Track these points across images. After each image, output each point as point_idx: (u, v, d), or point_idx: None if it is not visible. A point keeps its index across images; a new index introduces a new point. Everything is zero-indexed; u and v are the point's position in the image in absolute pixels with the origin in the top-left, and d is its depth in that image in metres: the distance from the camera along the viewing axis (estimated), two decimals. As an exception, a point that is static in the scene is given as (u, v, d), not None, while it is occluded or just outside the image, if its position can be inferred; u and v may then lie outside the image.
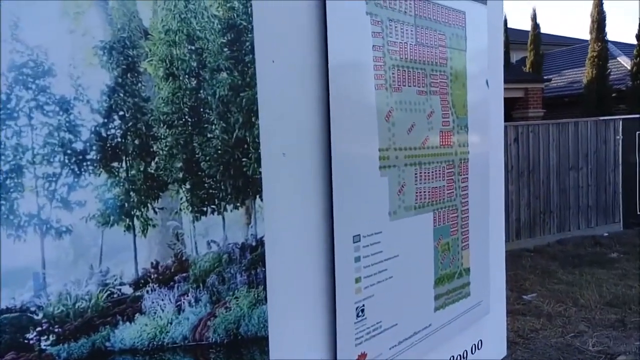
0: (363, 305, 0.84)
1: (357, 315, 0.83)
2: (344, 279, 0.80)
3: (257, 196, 0.65)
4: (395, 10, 0.88)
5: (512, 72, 9.42)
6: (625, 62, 9.81)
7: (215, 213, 0.60)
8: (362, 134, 0.82)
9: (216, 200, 0.60)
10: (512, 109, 8.33)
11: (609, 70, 8.97)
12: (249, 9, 0.63)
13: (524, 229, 4.88)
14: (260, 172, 0.65)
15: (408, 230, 0.94)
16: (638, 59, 8.59)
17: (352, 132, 0.80)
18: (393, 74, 0.88)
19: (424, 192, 0.98)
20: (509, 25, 10.85)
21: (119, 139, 0.50)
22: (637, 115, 6.23)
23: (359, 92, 0.81)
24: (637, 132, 5.69)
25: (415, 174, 0.95)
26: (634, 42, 8.86)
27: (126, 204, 0.51)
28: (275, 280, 0.68)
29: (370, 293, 0.86)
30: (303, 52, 0.72)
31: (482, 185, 1.18)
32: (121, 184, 0.50)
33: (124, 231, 0.51)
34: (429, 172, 0.99)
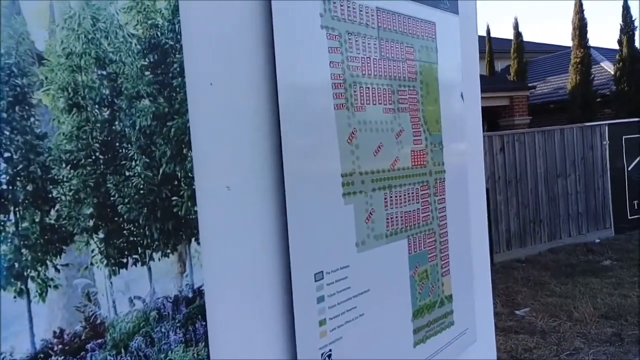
0: (330, 351, 0.75)
1: (323, 362, 0.74)
2: (306, 323, 0.71)
3: (193, 239, 0.57)
4: (355, 23, 0.81)
5: (496, 81, 9.48)
6: (608, 67, 9.93)
7: (139, 264, 0.52)
8: (320, 160, 0.75)
9: (139, 248, 0.51)
10: (499, 117, 8.35)
11: (592, 76, 9.06)
12: (177, 26, 0.55)
13: (514, 239, 4.82)
14: (195, 212, 0.57)
15: (379, 260, 0.86)
16: (620, 63, 8.69)
17: (308, 158, 0.72)
18: (355, 92, 0.81)
19: (396, 217, 0.90)
20: (492, 35, 10.96)
21: (5, 186, 0.41)
22: (623, 120, 6.26)
23: (314, 113, 0.73)
24: (624, 137, 5.69)
25: (385, 198, 0.88)
26: (616, 47, 8.96)
27: (16, 264, 0.42)
28: (219, 336, 0.59)
29: (338, 335, 0.77)
30: (247, 72, 0.64)
31: (461, 205, 1.10)
32: (9, 240, 0.42)
33: (15, 297, 0.42)
34: (400, 196, 0.91)
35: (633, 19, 8.80)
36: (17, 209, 0.42)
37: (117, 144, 0.50)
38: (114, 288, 0.50)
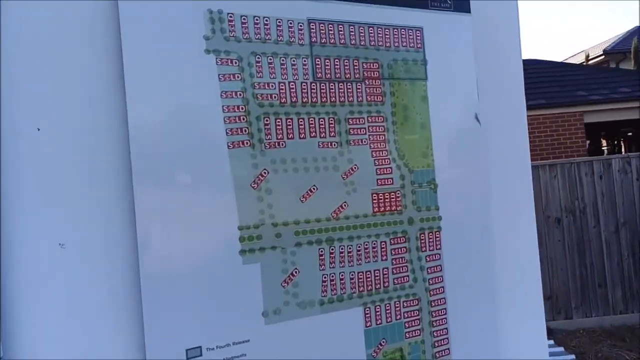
0: None
1: None
2: (168, 411, 0.58)
3: (-14, 306, 0.50)
4: (269, 42, 0.67)
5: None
6: None
7: None
8: (201, 212, 0.62)
9: None
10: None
11: None
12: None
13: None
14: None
15: (306, 335, 0.67)
16: None
17: (181, 212, 0.60)
18: (267, 124, 0.66)
19: (342, 279, 0.71)
20: None
21: None
22: None
23: (190, 157, 0.61)
24: None
25: (322, 255, 0.69)
26: None
27: None
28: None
29: None
30: (90, 116, 0.56)
31: (477, 263, 0.83)
32: None
33: None
34: (351, 252, 0.72)
35: None
36: None
37: None
38: None
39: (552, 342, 3.37)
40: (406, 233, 0.77)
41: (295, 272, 0.67)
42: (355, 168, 0.73)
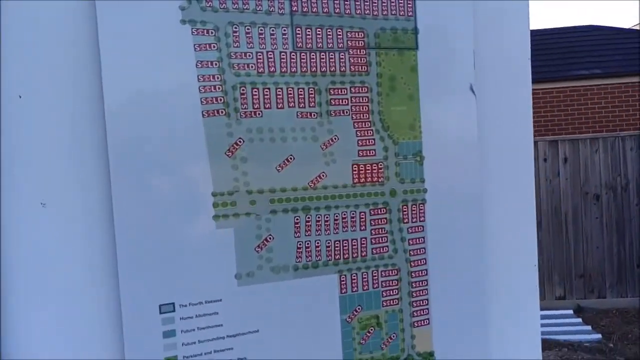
0: (183, 392, 0.66)
1: (173, 405, 0.66)
2: (143, 356, 0.63)
3: (-23, 255, 0.56)
4: (247, 11, 0.67)
5: None
6: None
7: None
8: (175, 177, 0.65)
9: None
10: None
11: None
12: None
13: None
14: (-20, 228, 0.56)
15: (279, 298, 0.71)
16: None
17: (156, 176, 0.64)
18: (243, 94, 0.67)
19: (318, 247, 0.72)
20: None
21: None
22: None
23: (165, 124, 0.64)
24: None
25: (297, 223, 0.71)
26: None
27: None
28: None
29: (199, 377, 0.67)
30: (68, 82, 0.60)
31: (467, 237, 0.82)
32: None
33: None
34: (328, 220, 0.73)
35: None
36: None
37: None
38: None
39: (579, 320, 3.28)
40: (387, 204, 0.77)
41: (270, 238, 0.70)
42: (335, 139, 0.73)
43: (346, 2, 0.73)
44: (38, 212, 0.59)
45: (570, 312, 3.62)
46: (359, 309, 0.76)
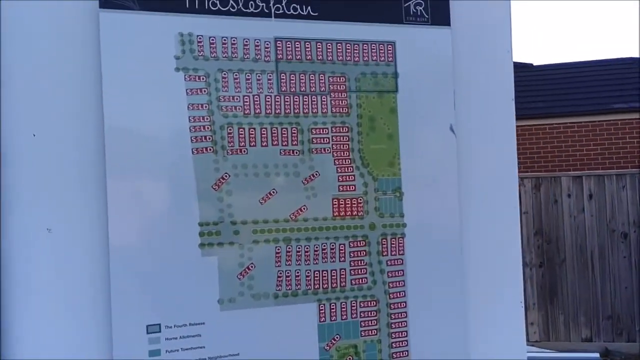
0: (165, 411, 0.70)
1: (154, 422, 0.70)
2: (128, 375, 0.68)
3: (-15, 274, 0.64)
4: (234, 59, 0.75)
5: None
6: None
7: None
8: (166, 208, 0.71)
9: None
10: None
11: None
12: (-17, 89, 0.64)
13: None
14: (-10, 250, 0.64)
15: (260, 324, 0.75)
16: None
17: (148, 206, 0.70)
18: (230, 133, 0.74)
19: (298, 276, 0.77)
20: None
21: None
22: None
23: (159, 160, 0.71)
24: None
25: (278, 252, 0.76)
26: None
27: None
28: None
29: (180, 397, 0.71)
30: (75, 123, 0.68)
31: (448, 271, 0.85)
32: None
33: None
34: (308, 251, 0.77)
35: None
36: None
37: None
38: None
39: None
40: (367, 237, 0.81)
41: (251, 267, 0.75)
42: (316, 174, 0.79)
43: (328, 50, 0.80)
44: (44, 237, 0.66)
45: (597, 355, 3.44)
46: (337, 337, 0.79)
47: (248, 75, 0.76)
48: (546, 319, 3.77)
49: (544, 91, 6.74)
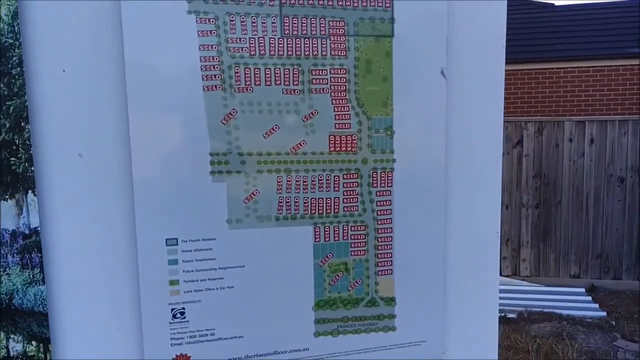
0: (183, 308, 0.84)
1: (174, 316, 0.84)
2: (152, 278, 0.82)
3: (29, 191, 0.75)
4: (241, 3, 0.80)
5: None
6: None
7: (-18, 203, 0.73)
8: (179, 139, 0.81)
9: (-18, 192, 0.73)
10: None
11: None
12: (16, 28, 0.71)
13: None
14: (32, 170, 0.74)
15: (263, 241, 0.87)
16: None
17: (160, 136, 0.80)
18: (237, 73, 0.82)
19: (297, 202, 0.88)
20: None
21: None
22: None
23: (172, 96, 0.79)
24: None
25: (279, 181, 0.86)
26: None
27: None
28: (56, 273, 0.77)
29: (195, 298, 0.84)
30: (98, 60, 0.76)
31: (431, 202, 0.95)
32: None
33: None
34: (306, 181, 0.88)
35: None
36: None
37: (-36, 117, 0.71)
38: (-38, 216, 0.72)
39: (589, 298, 3.32)
40: (359, 170, 0.91)
41: (256, 192, 0.85)
42: (315, 112, 0.87)
43: (329, -5, 0.85)
44: (76, 161, 0.77)
45: (582, 290, 3.66)
46: (330, 255, 0.91)
47: (254, 19, 0.82)
48: (538, 256, 3.96)
49: (563, 33, 6.54)
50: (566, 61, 5.76)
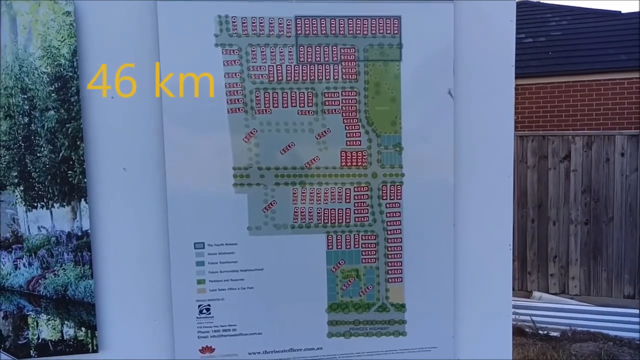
0: (208, 305, 0.94)
1: (201, 312, 0.95)
2: (182, 277, 0.93)
3: (82, 199, 0.89)
4: (262, 35, 0.91)
5: None
6: None
7: (44, 208, 0.87)
8: (208, 155, 0.92)
9: (44, 199, 0.87)
10: None
11: None
12: (75, 63, 0.86)
13: None
14: (85, 182, 0.88)
15: (279, 247, 0.96)
16: None
17: (195, 154, 0.91)
18: (257, 97, 0.92)
19: (311, 212, 0.96)
20: None
21: (-30, 157, 0.84)
22: None
23: (204, 117, 0.91)
24: None
25: (295, 193, 0.95)
26: None
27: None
28: (103, 270, 0.90)
29: (219, 296, 0.95)
30: (139, 88, 0.89)
31: (440, 214, 1.01)
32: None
33: (-26, 212, 0.85)
34: (319, 193, 0.96)
35: None
36: (-24, 169, 0.84)
37: (32, 138, 0.86)
38: (29, 219, 0.87)
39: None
40: (369, 184, 0.98)
41: (274, 203, 0.95)
42: (327, 131, 0.96)
43: (341, 25, 0.94)
44: (120, 174, 0.90)
45: (636, 311, 3.45)
46: (342, 262, 0.99)
47: (272, 49, 0.92)
48: (588, 274, 3.79)
49: (629, 42, 6.24)
50: (617, 72, 5.49)
